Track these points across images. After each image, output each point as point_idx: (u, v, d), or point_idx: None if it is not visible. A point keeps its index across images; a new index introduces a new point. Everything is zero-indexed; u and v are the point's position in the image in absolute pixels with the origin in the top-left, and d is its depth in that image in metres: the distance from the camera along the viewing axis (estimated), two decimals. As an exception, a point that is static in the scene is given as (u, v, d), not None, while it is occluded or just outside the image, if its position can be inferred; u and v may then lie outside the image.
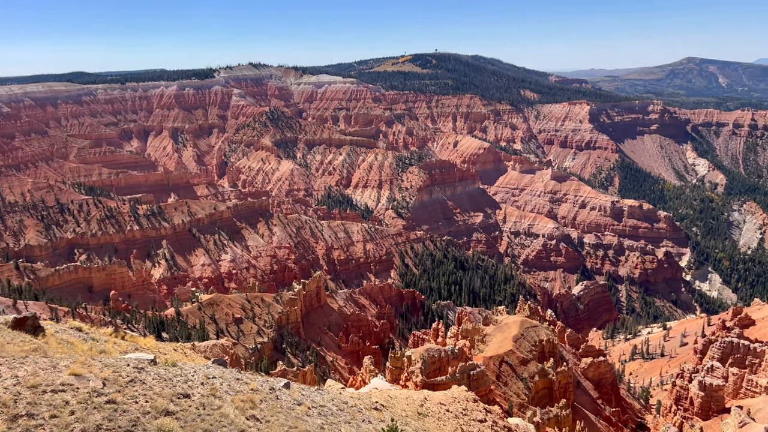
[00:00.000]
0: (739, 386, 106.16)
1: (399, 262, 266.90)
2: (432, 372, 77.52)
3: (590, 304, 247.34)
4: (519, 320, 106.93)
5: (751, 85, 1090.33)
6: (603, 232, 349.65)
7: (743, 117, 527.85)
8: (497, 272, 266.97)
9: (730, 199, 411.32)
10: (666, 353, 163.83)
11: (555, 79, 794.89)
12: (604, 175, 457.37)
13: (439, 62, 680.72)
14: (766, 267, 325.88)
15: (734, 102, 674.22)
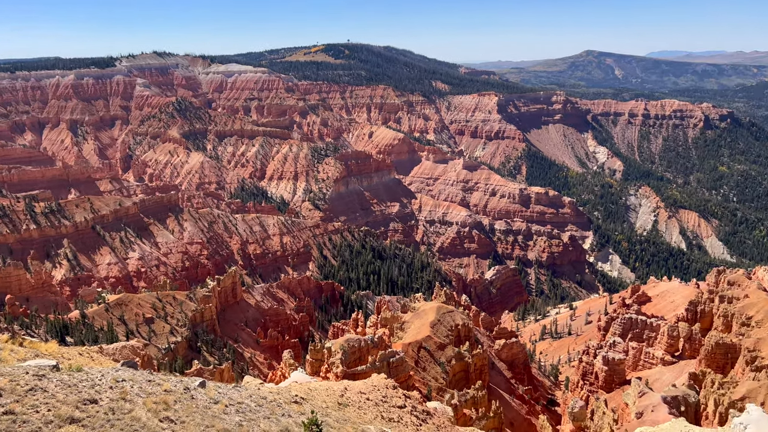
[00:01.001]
0: (638, 359, 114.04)
1: (317, 254, 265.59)
2: (352, 362, 77.90)
3: (502, 288, 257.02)
4: (436, 306, 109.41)
5: (643, 77, 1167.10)
6: (512, 218, 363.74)
7: (637, 107, 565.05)
8: (414, 260, 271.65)
9: (627, 185, 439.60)
10: (573, 332, 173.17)
11: (464, 71, 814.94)
12: (513, 163, 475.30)
13: (351, 53, 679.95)
14: (660, 247, 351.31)
15: (629, 93, 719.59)
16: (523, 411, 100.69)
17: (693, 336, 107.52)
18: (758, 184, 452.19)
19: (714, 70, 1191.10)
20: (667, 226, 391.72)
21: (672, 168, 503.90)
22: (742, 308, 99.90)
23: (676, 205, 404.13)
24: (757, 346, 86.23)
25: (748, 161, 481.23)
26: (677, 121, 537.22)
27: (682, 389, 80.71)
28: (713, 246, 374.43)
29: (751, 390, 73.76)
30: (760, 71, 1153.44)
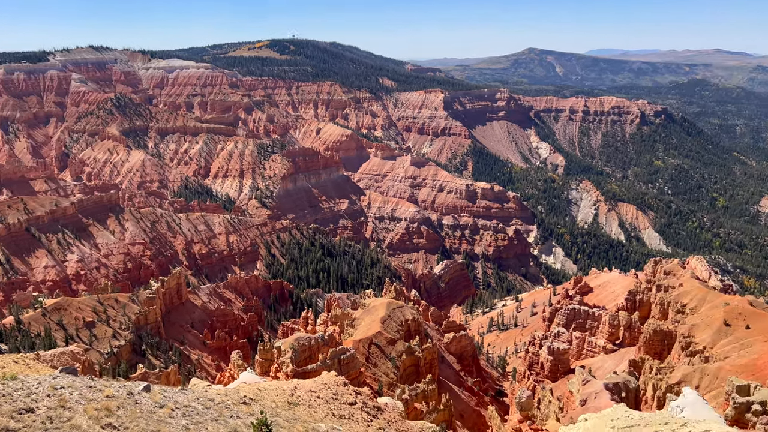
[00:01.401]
0: (581, 348, 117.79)
1: (265, 253, 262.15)
2: (303, 360, 77.35)
3: (450, 282, 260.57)
4: (386, 302, 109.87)
5: (583, 74, 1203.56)
6: (460, 213, 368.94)
7: (578, 104, 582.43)
8: (364, 257, 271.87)
9: (569, 179, 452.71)
10: (519, 323, 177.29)
11: (411, 68, 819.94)
12: (459, 159, 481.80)
13: (297, 48, 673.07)
14: (600, 239, 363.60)
15: (570, 90, 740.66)
16: (472, 403, 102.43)
17: (632, 324, 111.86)
18: (690, 177, 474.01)
19: (649, 68, 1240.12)
20: (607, 218, 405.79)
21: (611, 162, 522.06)
22: (677, 296, 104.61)
23: (615, 199, 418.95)
24: (691, 332, 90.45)
25: (681, 155, 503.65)
26: (615, 117, 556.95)
27: (623, 376, 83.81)
28: (650, 237, 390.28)
29: (686, 374, 77.31)
30: (691, 69, 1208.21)
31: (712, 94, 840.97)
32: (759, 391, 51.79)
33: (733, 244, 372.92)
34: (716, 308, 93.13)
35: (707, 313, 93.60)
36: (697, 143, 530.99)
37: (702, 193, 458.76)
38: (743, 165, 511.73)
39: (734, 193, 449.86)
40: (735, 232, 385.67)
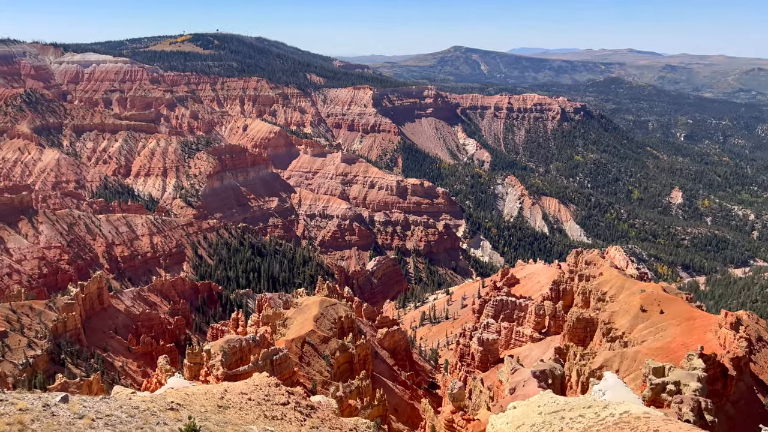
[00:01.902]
0: (509, 338, 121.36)
1: (192, 254, 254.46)
2: (234, 363, 75.65)
3: (383, 278, 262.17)
4: (318, 300, 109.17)
5: (507, 72, 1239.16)
6: (391, 209, 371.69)
7: (502, 101, 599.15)
8: (295, 255, 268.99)
9: (495, 174, 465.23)
10: (450, 316, 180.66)
11: (339, 64, 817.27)
12: (389, 156, 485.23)
13: (221, 43, 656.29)
14: (526, 232, 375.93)
15: (494, 87, 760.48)
16: (406, 396, 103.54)
17: (557, 313, 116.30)
18: (608, 171, 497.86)
19: (568, 66, 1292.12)
20: (531, 212, 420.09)
21: (534, 158, 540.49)
22: (597, 285, 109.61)
23: (539, 193, 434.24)
24: (611, 319, 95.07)
25: (599, 150, 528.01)
26: (537, 113, 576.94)
27: (549, 363, 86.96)
28: (572, 229, 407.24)
29: (607, 359, 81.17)
30: (607, 68, 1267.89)
31: (627, 92, 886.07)
32: (673, 372, 55.04)
33: (648, 234, 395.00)
34: (633, 295, 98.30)
35: (625, 300, 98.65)
36: (614, 138, 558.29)
37: (619, 186, 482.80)
38: (655, 159, 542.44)
39: (648, 186, 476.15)
40: (649, 222, 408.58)
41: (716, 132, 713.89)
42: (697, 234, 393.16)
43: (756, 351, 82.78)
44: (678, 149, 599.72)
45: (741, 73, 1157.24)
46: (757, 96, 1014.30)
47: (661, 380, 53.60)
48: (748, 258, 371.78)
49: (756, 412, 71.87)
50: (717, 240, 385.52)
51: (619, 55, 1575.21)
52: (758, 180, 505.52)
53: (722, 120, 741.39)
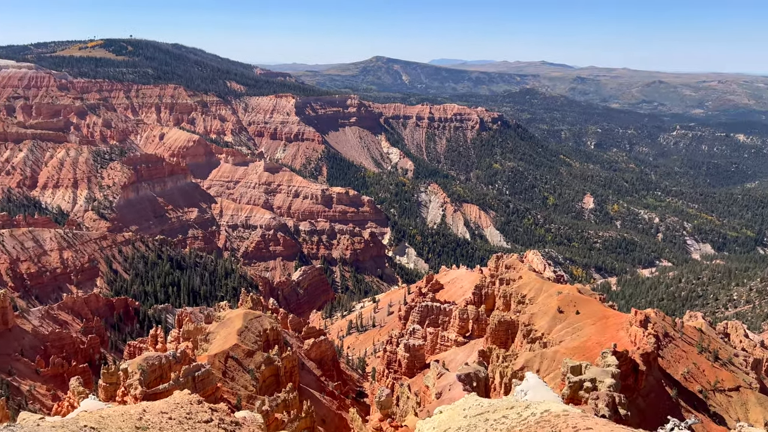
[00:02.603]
0: (435, 343, 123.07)
1: (106, 269, 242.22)
2: (153, 381, 72.43)
3: (309, 288, 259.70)
4: (242, 313, 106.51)
5: (427, 82, 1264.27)
6: (316, 218, 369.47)
7: (423, 111, 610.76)
8: (217, 268, 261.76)
9: (418, 183, 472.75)
10: (377, 323, 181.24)
11: (260, 72, 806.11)
12: (314, 165, 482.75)
13: (135, 49, 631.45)
14: (449, 238, 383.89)
15: (416, 97, 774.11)
16: (333, 407, 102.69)
17: (480, 317, 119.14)
18: (525, 178, 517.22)
19: (485, 77, 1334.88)
20: (453, 219, 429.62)
21: (455, 166, 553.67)
22: (517, 288, 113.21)
23: (461, 200, 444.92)
24: (531, 321, 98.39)
25: (516, 158, 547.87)
26: (457, 123, 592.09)
27: (473, 366, 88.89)
28: (492, 234, 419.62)
29: (528, 360, 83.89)
30: (522, 79, 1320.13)
31: (540, 102, 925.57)
32: (589, 369, 57.58)
33: (563, 238, 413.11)
34: (551, 297, 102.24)
35: (544, 302, 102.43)
36: (530, 147, 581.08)
37: (535, 192, 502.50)
38: (568, 166, 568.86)
39: (562, 192, 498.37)
40: (564, 227, 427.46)
41: (623, 140, 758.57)
42: (607, 237, 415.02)
43: (663, 346, 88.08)
44: (589, 157, 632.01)
45: (643, 85, 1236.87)
46: (658, 107, 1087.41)
47: (579, 378, 55.95)
48: (654, 259, 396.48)
49: (664, 404, 76.36)
50: (626, 242, 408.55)
51: (533, 67, 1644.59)
52: (661, 185, 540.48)
53: (628, 129, 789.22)
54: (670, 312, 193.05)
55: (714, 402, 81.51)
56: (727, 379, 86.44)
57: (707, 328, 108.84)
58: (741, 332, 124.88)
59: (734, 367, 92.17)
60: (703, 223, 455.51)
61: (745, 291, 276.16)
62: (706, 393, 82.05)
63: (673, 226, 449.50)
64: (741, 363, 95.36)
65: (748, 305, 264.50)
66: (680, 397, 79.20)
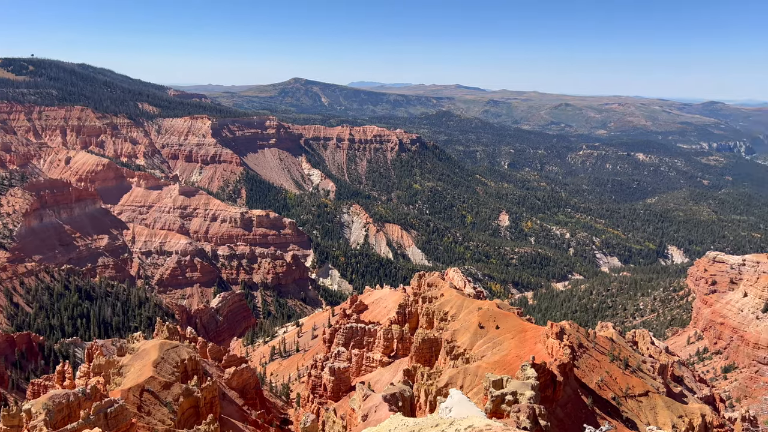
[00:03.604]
0: (360, 364, 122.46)
1: (6, 303, 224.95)
2: (60, 421, 67.54)
3: (229, 315, 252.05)
4: (158, 344, 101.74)
5: (347, 104, 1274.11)
6: (236, 242, 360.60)
7: (344, 132, 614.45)
8: (130, 297, 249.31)
9: (340, 204, 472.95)
10: (301, 348, 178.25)
11: (174, 93, 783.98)
12: (232, 187, 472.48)
13: (38, 69, 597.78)
14: (372, 258, 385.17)
15: (336, 119, 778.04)
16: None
17: (404, 336, 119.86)
18: (444, 198, 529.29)
19: (403, 100, 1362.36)
20: (376, 239, 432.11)
21: (377, 186, 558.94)
22: (440, 306, 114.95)
23: (383, 220, 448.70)
24: (453, 337, 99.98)
25: (435, 179, 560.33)
26: (378, 145, 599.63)
27: (398, 386, 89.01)
28: (414, 253, 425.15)
29: (452, 376, 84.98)
30: (438, 102, 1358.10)
31: (456, 124, 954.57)
32: (510, 383, 59.02)
33: (481, 255, 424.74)
34: (472, 313, 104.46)
35: (465, 318, 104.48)
36: (447, 168, 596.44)
37: (453, 211, 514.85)
38: (484, 186, 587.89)
39: (479, 211, 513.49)
40: (482, 244, 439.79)
41: (534, 160, 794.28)
42: (523, 253, 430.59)
43: (578, 357, 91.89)
44: (503, 176, 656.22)
45: (551, 107, 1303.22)
46: (565, 128, 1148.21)
47: (500, 392, 57.19)
48: (567, 272, 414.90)
49: (581, 413, 79.44)
50: (540, 257, 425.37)
51: (448, 90, 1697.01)
52: (571, 202, 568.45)
53: (539, 149, 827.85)
54: (583, 323, 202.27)
55: (626, 408, 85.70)
56: (637, 385, 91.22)
57: (617, 337, 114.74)
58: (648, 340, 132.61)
59: (643, 373, 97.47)
60: (610, 238, 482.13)
61: (650, 300, 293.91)
62: (619, 399, 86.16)
63: (583, 241, 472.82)
64: (649, 369, 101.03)
65: (653, 314, 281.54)
66: (595, 404, 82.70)
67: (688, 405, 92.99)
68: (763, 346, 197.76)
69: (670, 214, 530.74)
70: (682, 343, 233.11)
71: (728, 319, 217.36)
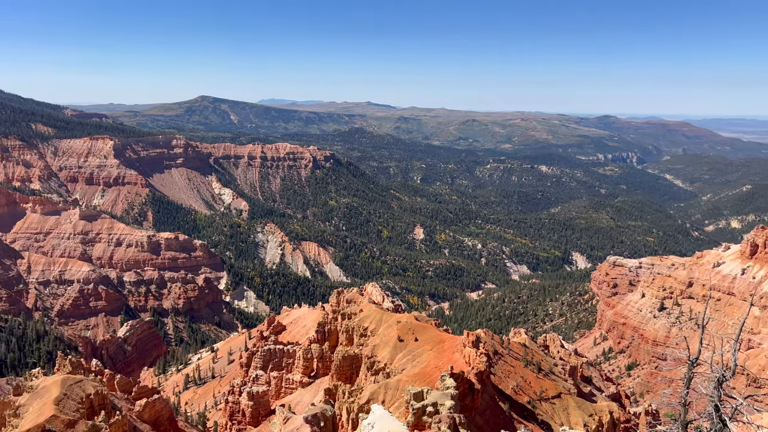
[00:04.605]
0: (280, 387, 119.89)
1: None
2: (-55, 474, 61.30)
3: (138, 344, 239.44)
4: (60, 379, 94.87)
5: (257, 122, 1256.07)
6: (143, 267, 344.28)
7: (255, 150, 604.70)
8: (27, 331, 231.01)
9: (254, 223, 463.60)
10: (217, 374, 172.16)
11: (71, 113, 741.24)
12: (138, 210, 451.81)
13: None
14: (289, 278, 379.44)
15: (246, 137, 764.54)
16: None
17: (324, 354, 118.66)
18: (360, 213, 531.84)
19: (315, 117, 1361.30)
20: (292, 257, 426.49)
21: (291, 204, 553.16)
22: (359, 321, 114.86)
23: (299, 238, 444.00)
24: (373, 353, 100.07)
25: (350, 195, 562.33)
26: (291, 162, 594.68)
27: (320, 406, 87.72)
28: (332, 270, 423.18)
29: (373, 392, 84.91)
30: (350, 119, 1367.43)
31: (369, 141, 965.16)
32: (430, 394, 59.74)
33: (398, 269, 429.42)
34: (391, 327, 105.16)
35: (385, 333, 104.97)
36: (362, 183, 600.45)
37: (370, 226, 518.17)
38: (398, 200, 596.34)
39: (394, 225, 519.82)
40: (398, 258, 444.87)
41: (445, 175, 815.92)
42: (438, 265, 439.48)
43: (494, 364, 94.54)
44: (416, 191, 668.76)
45: (459, 123, 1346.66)
46: (473, 143, 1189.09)
47: (421, 404, 57.72)
48: (480, 282, 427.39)
49: (499, 419, 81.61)
50: (455, 269, 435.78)
51: (360, 108, 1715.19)
52: (481, 214, 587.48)
53: (449, 164, 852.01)
54: (497, 330, 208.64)
55: (541, 410, 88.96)
56: (550, 388, 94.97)
57: (530, 342, 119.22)
58: (558, 343, 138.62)
59: (555, 376, 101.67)
60: (519, 247, 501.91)
61: (558, 305, 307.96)
62: (534, 403, 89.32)
63: (493, 251, 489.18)
64: (560, 371, 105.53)
65: (562, 318, 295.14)
66: (512, 409, 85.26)
67: (597, 403, 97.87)
68: (660, 343, 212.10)
69: (572, 222, 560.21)
70: (589, 345, 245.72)
71: (629, 319, 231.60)
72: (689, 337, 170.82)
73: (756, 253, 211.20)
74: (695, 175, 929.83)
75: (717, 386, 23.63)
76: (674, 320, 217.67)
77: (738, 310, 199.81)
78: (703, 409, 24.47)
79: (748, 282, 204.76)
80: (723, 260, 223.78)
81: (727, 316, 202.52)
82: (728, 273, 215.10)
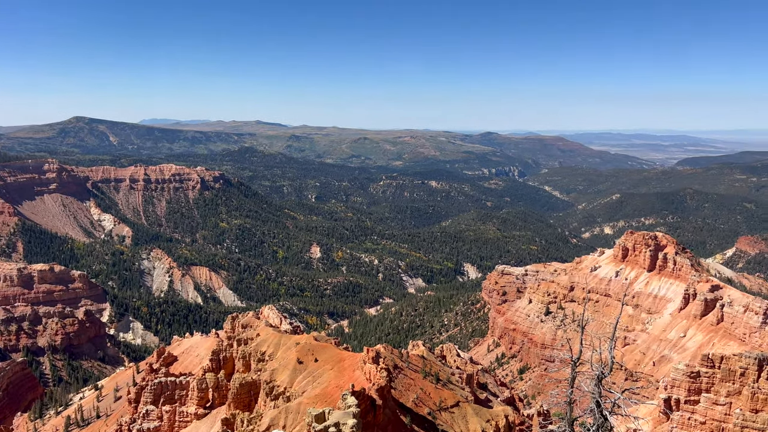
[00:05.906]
0: (173, 421, 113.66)
1: None
2: None
3: (10, 388, 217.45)
4: None
5: (139, 143, 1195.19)
6: (13, 303, 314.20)
7: (138, 172, 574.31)
8: None
9: (139, 249, 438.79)
10: (102, 413, 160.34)
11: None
12: (5, 241, 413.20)
13: None
14: (179, 306, 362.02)
15: (128, 159, 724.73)
16: None
17: (220, 383, 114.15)
18: (253, 235, 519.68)
19: (202, 137, 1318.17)
20: (182, 284, 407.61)
21: (179, 228, 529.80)
22: (256, 346, 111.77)
23: (188, 263, 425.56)
24: (272, 377, 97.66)
25: (243, 216, 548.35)
26: (177, 184, 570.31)
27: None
28: (225, 295, 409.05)
29: (273, 418, 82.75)
30: (239, 138, 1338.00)
31: (260, 160, 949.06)
32: (332, 414, 59.17)
33: (296, 289, 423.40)
34: (290, 349, 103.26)
35: (283, 356, 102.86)
36: (254, 203, 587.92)
37: (264, 247, 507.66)
38: (293, 219, 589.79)
39: (290, 245, 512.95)
40: (295, 278, 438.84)
41: (339, 192, 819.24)
42: (336, 283, 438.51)
43: (394, 378, 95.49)
44: (311, 209, 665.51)
45: (351, 141, 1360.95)
46: (365, 160, 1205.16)
47: (323, 425, 57.00)
48: (378, 297, 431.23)
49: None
50: (352, 286, 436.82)
51: (249, 126, 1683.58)
52: (376, 230, 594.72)
53: (343, 182, 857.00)
54: (396, 344, 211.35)
55: (441, 420, 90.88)
56: (448, 398, 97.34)
57: (428, 353, 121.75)
58: (454, 353, 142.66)
59: (453, 385, 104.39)
60: (414, 260, 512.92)
61: (453, 315, 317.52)
62: (434, 414, 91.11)
63: (390, 265, 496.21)
64: (457, 380, 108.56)
65: (457, 328, 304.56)
66: (413, 422, 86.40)
67: (493, 409, 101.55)
68: (548, 346, 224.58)
69: (462, 234, 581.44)
70: (484, 352, 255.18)
71: (518, 324, 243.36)
72: (572, 339, 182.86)
73: (627, 256, 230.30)
74: (571, 186, 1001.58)
75: (597, 383, 25.37)
76: (559, 323, 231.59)
77: (615, 310, 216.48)
78: (587, 406, 26.15)
79: (621, 283, 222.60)
80: (599, 264, 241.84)
81: (605, 317, 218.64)
82: (604, 276, 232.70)
